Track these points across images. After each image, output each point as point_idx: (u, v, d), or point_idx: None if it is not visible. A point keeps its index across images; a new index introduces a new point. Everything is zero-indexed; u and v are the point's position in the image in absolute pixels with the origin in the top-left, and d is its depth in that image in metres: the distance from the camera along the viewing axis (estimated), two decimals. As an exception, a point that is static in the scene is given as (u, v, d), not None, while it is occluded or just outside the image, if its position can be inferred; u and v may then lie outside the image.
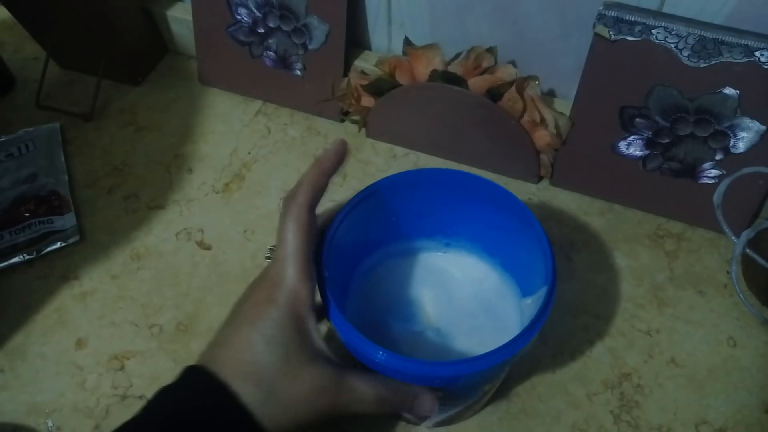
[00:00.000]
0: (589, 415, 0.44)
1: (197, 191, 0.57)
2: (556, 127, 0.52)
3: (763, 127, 0.46)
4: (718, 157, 0.49)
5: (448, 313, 0.42)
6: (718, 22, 0.45)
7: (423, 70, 0.53)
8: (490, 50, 0.53)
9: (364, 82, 0.56)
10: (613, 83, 0.48)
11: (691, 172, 0.51)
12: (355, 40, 0.60)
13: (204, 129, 0.62)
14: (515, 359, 0.33)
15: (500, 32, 0.53)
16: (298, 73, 0.60)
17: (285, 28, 0.57)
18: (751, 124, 0.46)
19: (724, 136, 0.48)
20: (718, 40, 0.43)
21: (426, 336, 0.41)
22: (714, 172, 0.50)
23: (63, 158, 0.59)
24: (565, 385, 0.45)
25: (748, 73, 0.44)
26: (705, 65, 0.45)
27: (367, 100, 0.57)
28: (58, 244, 0.53)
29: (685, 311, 0.49)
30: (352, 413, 0.32)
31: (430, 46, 0.53)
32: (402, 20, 0.57)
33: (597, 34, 0.46)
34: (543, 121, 0.52)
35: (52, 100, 0.63)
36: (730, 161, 0.49)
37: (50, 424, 0.45)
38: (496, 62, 0.53)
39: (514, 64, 0.54)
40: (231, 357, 0.31)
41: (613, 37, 0.46)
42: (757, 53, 0.43)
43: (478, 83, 0.51)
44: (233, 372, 0.31)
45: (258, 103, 0.63)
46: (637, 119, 0.49)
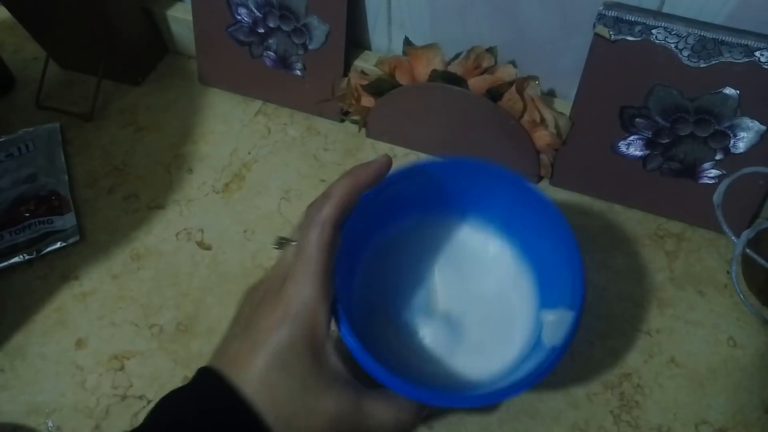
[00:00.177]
0: (589, 415, 0.44)
1: (197, 191, 0.57)
2: (556, 127, 0.52)
3: (763, 127, 0.46)
4: (718, 157, 0.49)
5: (460, 297, 0.41)
6: (718, 22, 0.45)
7: (423, 70, 0.53)
8: (490, 50, 0.53)
9: (364, 82, 0.56)
10: (613, 83, 0.48)
11: (691, 172, 0.51)
12: (355, 40, 0.60)
13: (204, 129, 0.62)
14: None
15: (500, 32, 0.53)
16: (298, 73, 0.60)
17: (285, 28, 0.57)
18: (751, 124, 0.46)
19: (724, 136, 0.48)
20: (718, 40, 0.43)
21: (435, 322, 0.40)
22: (714, 172, 0.50)
23: (63, 158, 0.59)
24: (565, 385, 0.45)
25: (748, 73, 0.44)
26: (705, 65, 0.45)
27: (367, 100, 0.57)
28: (58, 244, 0.53)
29: (685, 311, 0.49)
30: None
31: (430, 46, 0.53)
32: (402, 20, 0.57)
33: (597, 34, 0.46)
34: (543, 121, 0.52)
35: (52, 100, 0.63)
36: (730, 161, 0.49)
37: (50, 424, 0.45)
38: (496, 62, 0.53)
39: (514, 64, 0.54)
40: (248, 379, 0.30)
41: (613, 37, 0.46)
42: (757, 53, 0.43)
43: (478, 83, 0.51)
44: (253, 397, 0.30)
45: (258, 103, 0.63)
46: (637, 119, 0.49)
